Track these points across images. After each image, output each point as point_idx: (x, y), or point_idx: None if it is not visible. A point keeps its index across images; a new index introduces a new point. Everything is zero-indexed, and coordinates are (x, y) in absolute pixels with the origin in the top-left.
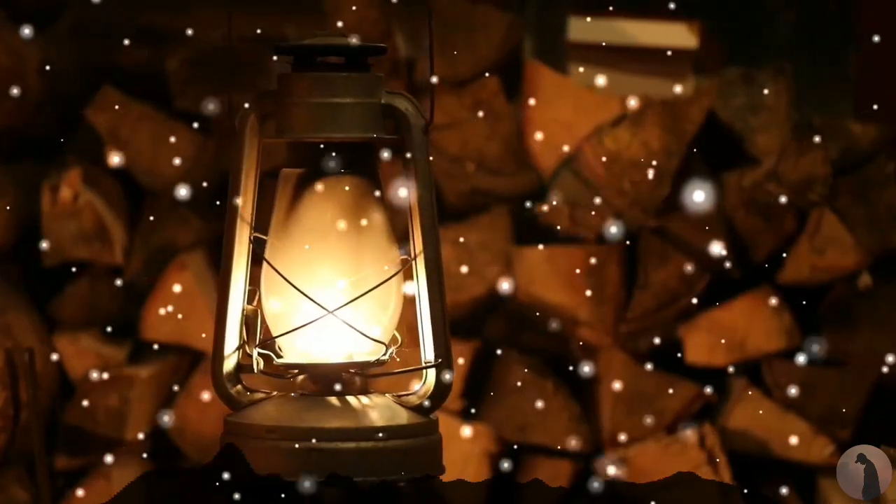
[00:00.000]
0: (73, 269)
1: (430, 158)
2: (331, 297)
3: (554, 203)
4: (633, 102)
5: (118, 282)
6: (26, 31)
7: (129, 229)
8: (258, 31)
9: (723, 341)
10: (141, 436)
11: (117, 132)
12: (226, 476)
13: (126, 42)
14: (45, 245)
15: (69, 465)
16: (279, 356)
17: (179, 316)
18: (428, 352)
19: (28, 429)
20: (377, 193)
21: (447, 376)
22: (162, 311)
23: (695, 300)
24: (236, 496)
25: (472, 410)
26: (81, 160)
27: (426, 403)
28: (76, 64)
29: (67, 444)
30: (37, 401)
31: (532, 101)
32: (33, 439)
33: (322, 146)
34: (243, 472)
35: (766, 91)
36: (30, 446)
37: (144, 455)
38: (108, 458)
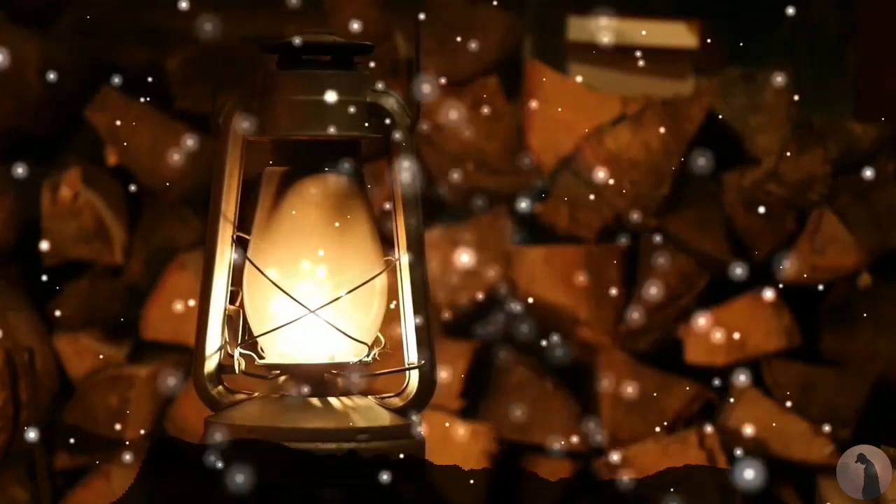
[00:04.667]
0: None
1: (416, 157)
2: (313, 297)
3: (555, 202)
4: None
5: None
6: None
7: (129, 229)
8: (257, 31)
9: (721, 339)
10: (141, 435)
11: (117, 132)
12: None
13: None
14: (45, 245)
15: (69, 465)
16: (261, 357)
17: (179, 316)
18: (411, 353)
19: (28, 429)
20: (361, 192)
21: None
22: (162, 311)
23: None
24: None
25: (471, 410)
26: (81, 160)
27: (409, 405)
28: (76, 64)
29: (67, 444)
30: (37, 401)
31: (532, 101)
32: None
33: (306, 144)
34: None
35: (765, 91)
36: (30, 446)
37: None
38: (108, 459)
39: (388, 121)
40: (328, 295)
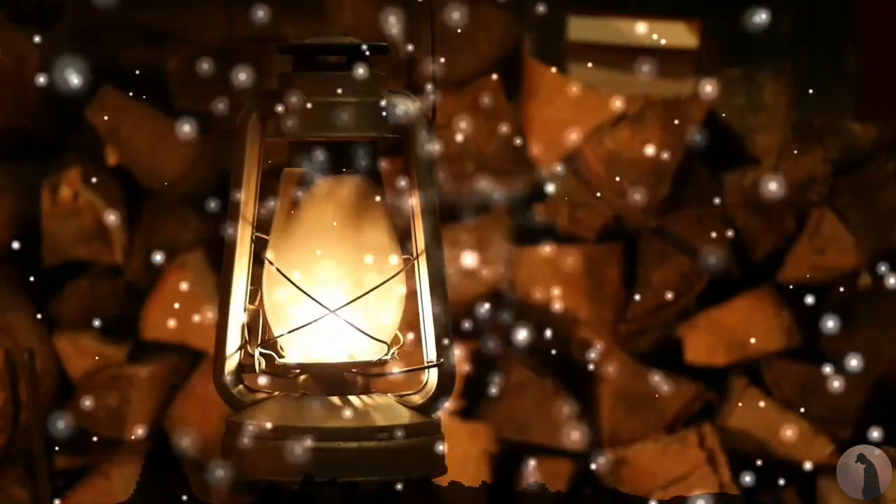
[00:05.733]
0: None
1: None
2: (332, 297)
3: (555, 202)
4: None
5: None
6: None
7: (129, 229)
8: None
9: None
10: (141, 435)
11: (117, 132)
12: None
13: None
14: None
15: (69, 465)
16: (281, 356)
17: (179, 316)
18: (430, 352)
19: (28, 429)
20: (379, 193)
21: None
22: (162, 311)
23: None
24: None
25: (472, 410)
26: (81, 160)
27: (429, 403)
28: (76, 64)
29: (67, 444)
30: (37, 401)
31: (532, 101)
32: (33, 439)
33: (324, 145)
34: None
35: (765, 91)
36: (30, 446)
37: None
38: (108, 459)
39: (404, 121)
40: (347, 294)
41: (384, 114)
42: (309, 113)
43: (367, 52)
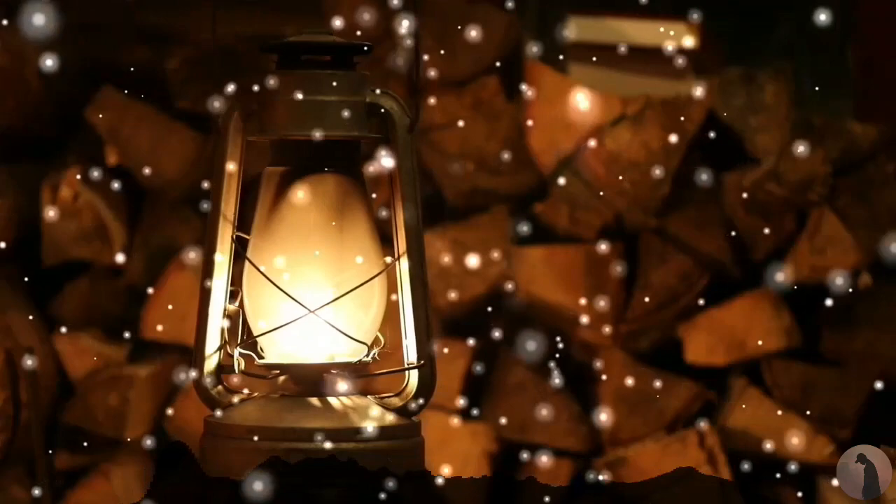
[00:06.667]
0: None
1: (417, 157)
2: (313, 297)
3: (555, 202)
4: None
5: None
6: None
7: (129, 229)
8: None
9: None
10: (141, 435)
11: (117, 132)
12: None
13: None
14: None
15: (69, 465)
16: (261, 357)
17: (179, 316)
18: (411, 353)
19: (28, 429)
20: (361, 192)
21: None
22: (162, 311)
23: (701, 301)
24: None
25: (473, 410)
26: (81, 160)
27: (409, 405)
28: (76, 64)
29: (67, 444)
30: (37, 401)
31: (532, 102)
32: (33, 439)
33: (306, 144)
34: (191, 469)
35: (765, 91)
36: (30, 446)
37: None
38: (108, 459)
39: (387, 121)
40: (328, 295)
41: (367, 113)
42: (291, 111)
43: (350, 51)
